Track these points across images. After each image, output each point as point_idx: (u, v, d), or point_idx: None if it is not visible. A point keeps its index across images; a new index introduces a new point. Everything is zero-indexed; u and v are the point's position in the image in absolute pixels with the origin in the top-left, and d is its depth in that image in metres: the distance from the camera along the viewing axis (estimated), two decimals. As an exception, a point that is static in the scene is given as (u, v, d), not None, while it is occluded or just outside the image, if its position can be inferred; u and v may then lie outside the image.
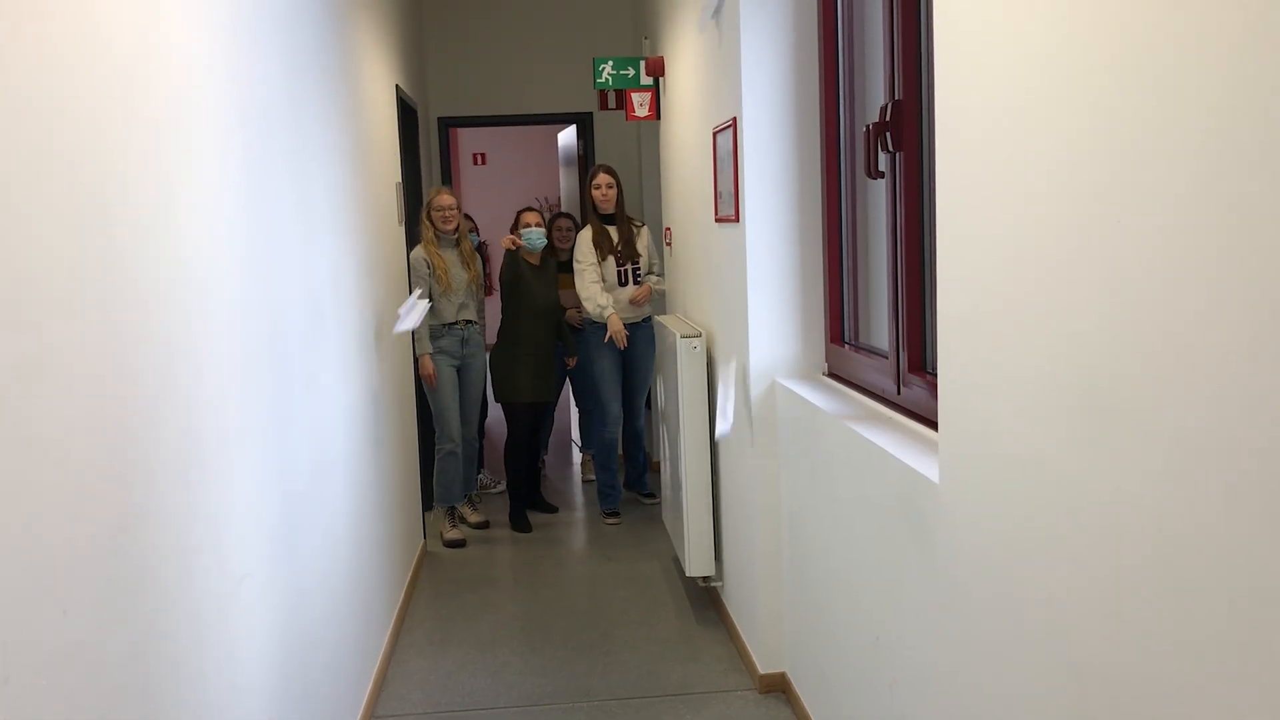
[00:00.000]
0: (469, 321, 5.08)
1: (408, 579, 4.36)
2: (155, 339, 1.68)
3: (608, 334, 5.14)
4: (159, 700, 1.62)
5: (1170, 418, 1.24)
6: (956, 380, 1.89)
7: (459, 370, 5.10)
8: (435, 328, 5.00)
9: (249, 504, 2.15)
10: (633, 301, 5.19)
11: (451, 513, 5.15)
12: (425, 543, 5.00)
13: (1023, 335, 1.61)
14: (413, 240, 5.07)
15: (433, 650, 3.83)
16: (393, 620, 3.91)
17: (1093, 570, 1.43)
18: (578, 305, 5.35)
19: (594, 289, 5.14)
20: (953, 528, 1.92)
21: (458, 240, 5.06)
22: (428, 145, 6.41)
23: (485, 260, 5.81)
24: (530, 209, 5.32)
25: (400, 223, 4.71)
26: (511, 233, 5.27)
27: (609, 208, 5.17)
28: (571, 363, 5.43)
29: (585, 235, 5.23)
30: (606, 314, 5.12)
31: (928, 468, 2.09)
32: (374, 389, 3.75)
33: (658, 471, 5.54)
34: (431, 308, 4.98)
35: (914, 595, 2.15)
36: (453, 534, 5.08)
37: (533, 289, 5.11)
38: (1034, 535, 1.60)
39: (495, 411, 6.49)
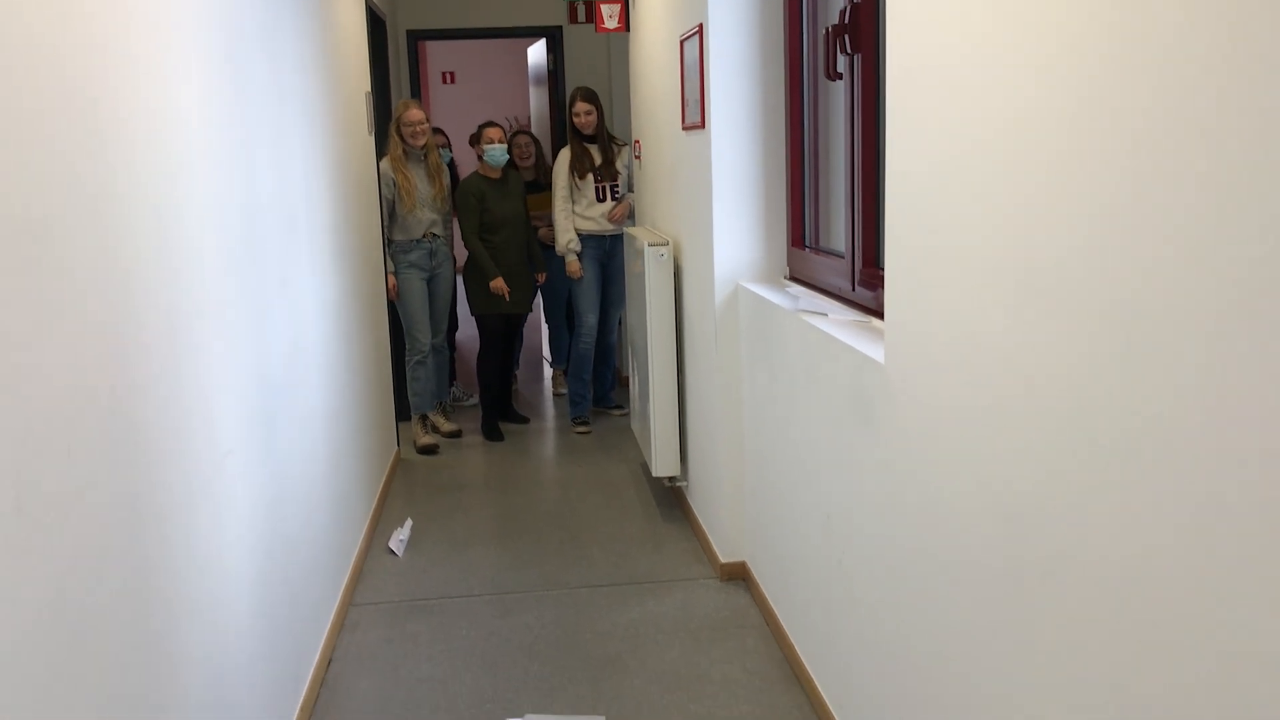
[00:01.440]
0: (435, 235, 5.15)
1: (382, 483, 4.48)
2: (147, 209, 1.76)
3: (568, 266, 5.29)
4: (152, 550, 1.73)
5: (1094, 291, 1.36)
6: (901, 266, 2.01)
7: (428, 282, 5.18)
8: (403, 243, 5.06)
9: (231, 385, 2.25)
10: (611, 219, 5.29)
11: (424, 420, 5.27)
12: (399, 450, 5.13)
13: (960, 220, 1.72)
14: (382, 152, 5.10)
15: (407, 547, 3.97)
16: (368, 520, 4.05)
17: (1020, 433, 1.56)
18: (549, 223, 5.46)
19: (563, 221, 5.27)
20: (896, 404, 2.06)
21: (425, 154, 5.09)
22: (396, 58, 6.38)
23: (455, 179, 5.85)
24: (493, 124, 5.35)
25: (370, 132, 4.74)
26: (474, 144, 5.33)
27: (590, 131, 5.25)
28: (541, 278, 5.52)
29: (562, 158, 5.31)
30: (569, 257, 5.29)
31: (875, 352, 2.22)
32: (346, 293, 3.83)
33: (626, 386, 5.67)
34: (397, 223, 5.04)
35: (861, 472, 2.29)
36: (426, 440, 5.21)
37: (490, 204, 5.18)
38: (968, 405, 1.73)
39: (467, 328, 6.58)
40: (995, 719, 1.69)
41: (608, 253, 5.41)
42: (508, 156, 5.28)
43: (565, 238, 5.28)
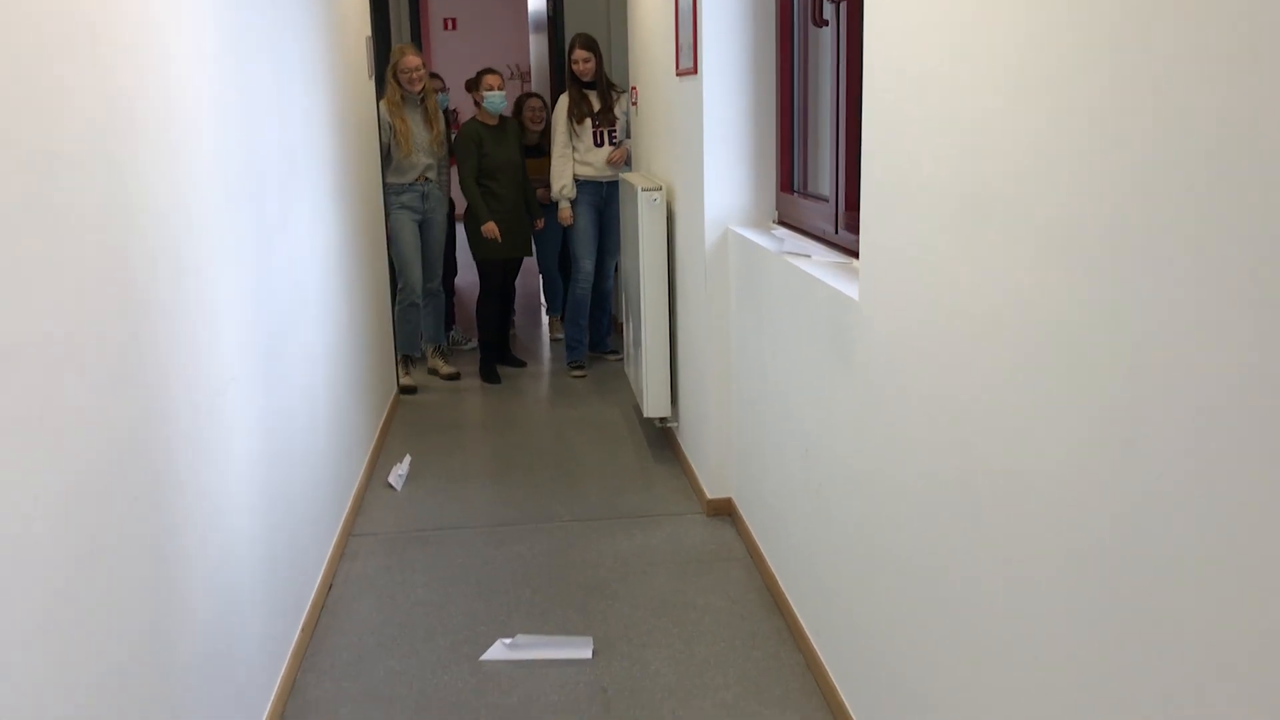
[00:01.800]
0: (429, 179, 5.24)
1: (381, 420, 4.60)
2: (151, 146, 1.85)
3: (560, 212, 5.38)
4: (160, 465, 1.85)
5: (1034, 217, 1.45)
6: (874, 205, 2.10)
7: (420, 225, 5.26)
8: (396, 185, 5.14)
9: (233, 316, 2.35)
10: (609, 162, 5.36)
11: (407, 361, 5.38)
12: (398, 391, 5.24)
13: (923, 158, 1.81)
14: (381, 96, 5.16)
15: (405, 483, 4.10)
16: (368, 455, 4.17)
17: (975, 357, 1.66)
18: (546, 184, 5.52)
19: (561, 165, 5.36)
20: (869, 337, 2.16)
21: (423, 99, 5.16)
22: (397, 4, 6.40)
23: (453, 126, 5.89)
24: (492, 71, 5.40)
25: (370, 77, 4.79)
26: (471, 90, 5.38)
27: (589, 78, 5.31)
28: (538, 224, 5.60)
29: (561, 104, 5.38)
30: (562, 203, 5.39)
31: (851, 290, 2.31)
32: (346, 234, 3.92)
33: (621, 333, 5.77)
34: (392, 167, 5.12)
35: (838, 404, 2.40)
36: (405, 380, 5.32)
37: (488, 149, 5.26)
38: (931, 332, 1.83)
39: (466, 273, 6.66)
40: (957, 623, 1.81)
41: (604, 199, 5.48)
42: (504, 103, 5.33)
43: (560, 182, 5.36)
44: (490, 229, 5.25)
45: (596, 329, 5.85)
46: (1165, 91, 1.16)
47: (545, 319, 6.90)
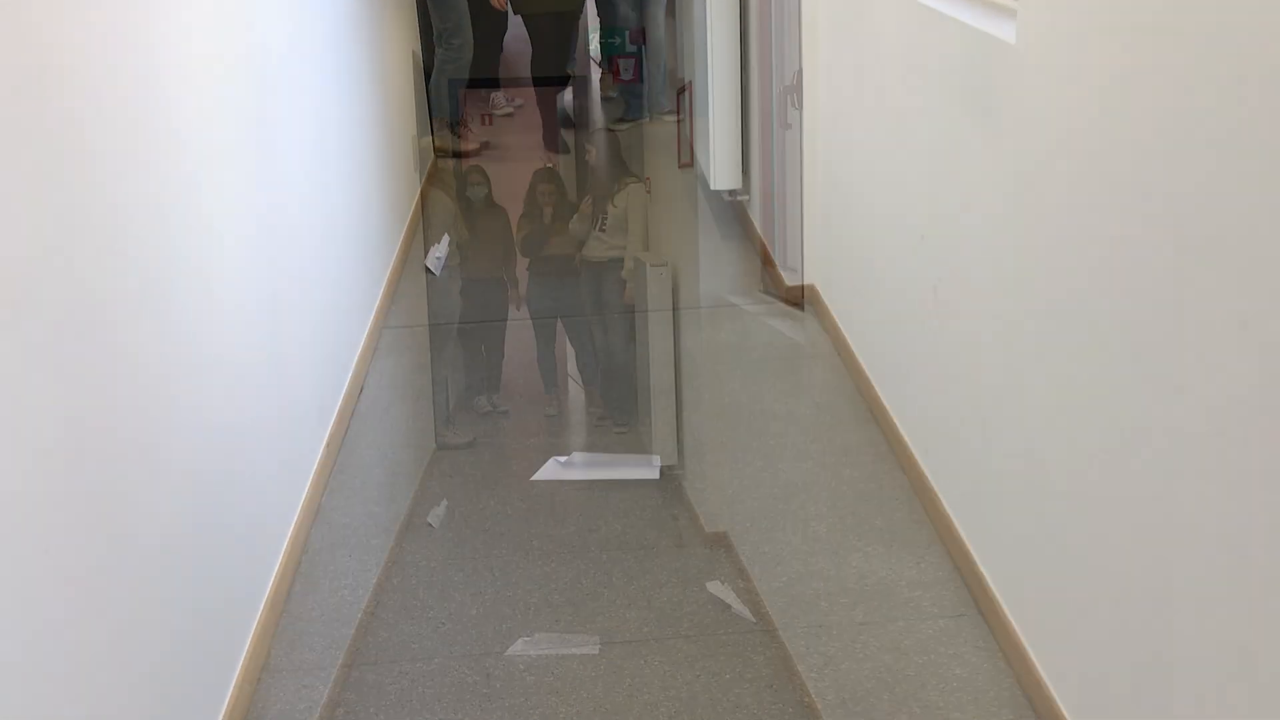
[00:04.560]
0: None
1: (415, 199, 4.16)
2: None
3: None
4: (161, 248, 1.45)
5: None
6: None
7: None
8: None
9: (217, 90, 1.87)
10: None
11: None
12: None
13: None
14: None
15: (444, 266, 3.68)
16: (400, 239, 3.77)
17: (1160, 110, 1.15)
18: None
19: None
20: (1026, 90, 1.64)
21: None
22: None
23: None
24: None
25: None
26: None
27: None
28: None
29: None
30: None
31: (1002, 31, 1.75)
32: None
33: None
34: None
35: (974, 177, 1.90)
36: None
37: None
38: (1108, 78, 1.31)
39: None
40: (1071, 437, 1.39)
41: None
42: None
43: None
44: None
45: (653, 85, 5.25)
46: None
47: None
